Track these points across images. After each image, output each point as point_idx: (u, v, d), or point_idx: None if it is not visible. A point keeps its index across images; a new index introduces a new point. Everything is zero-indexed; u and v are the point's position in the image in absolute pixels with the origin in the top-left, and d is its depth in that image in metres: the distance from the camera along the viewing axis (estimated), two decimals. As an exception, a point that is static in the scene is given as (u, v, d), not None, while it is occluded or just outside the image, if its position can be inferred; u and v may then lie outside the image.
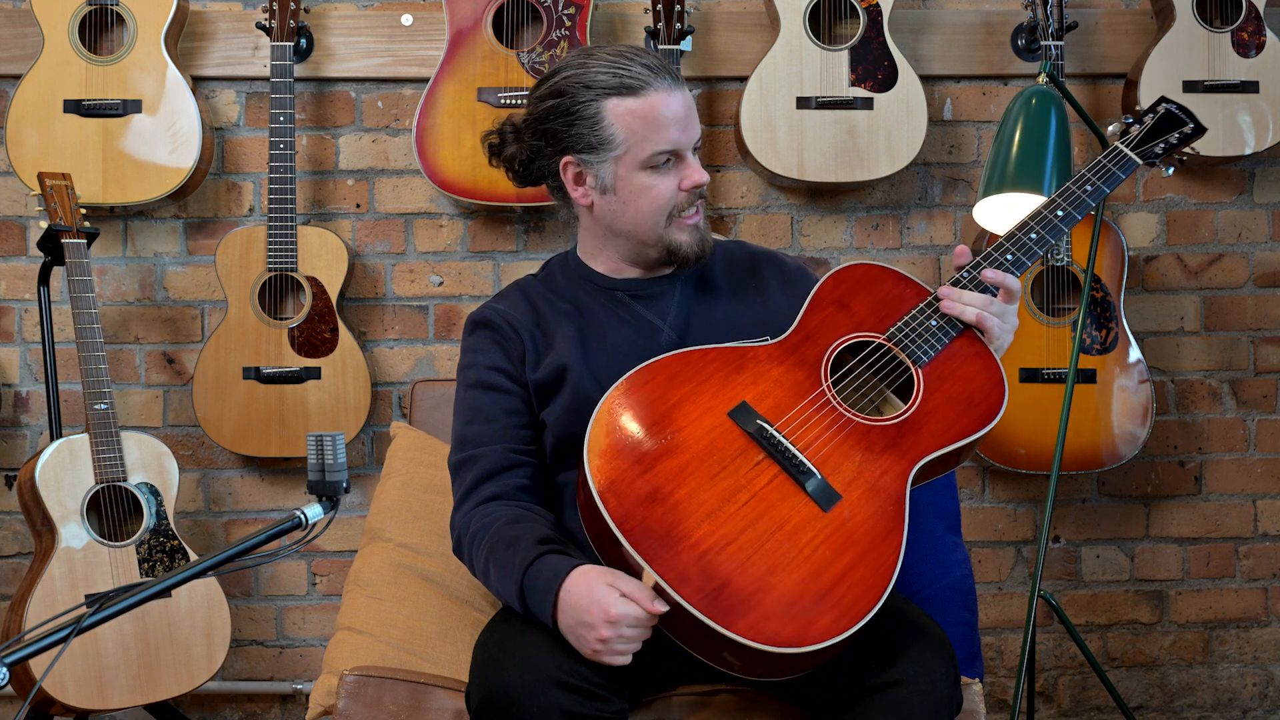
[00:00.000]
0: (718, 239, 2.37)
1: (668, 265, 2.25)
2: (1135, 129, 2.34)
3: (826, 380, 2.06)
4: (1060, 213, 2.18)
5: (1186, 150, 2.34)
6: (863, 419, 2.03)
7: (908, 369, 2.07)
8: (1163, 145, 2.32)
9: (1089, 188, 2.21)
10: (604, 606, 1.89)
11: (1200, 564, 3.59)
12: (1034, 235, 2.16)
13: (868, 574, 1.89)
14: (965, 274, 2.14)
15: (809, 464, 1.97)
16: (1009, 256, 2.14)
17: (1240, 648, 3.60)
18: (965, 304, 2.10)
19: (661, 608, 1.88)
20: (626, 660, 1.92)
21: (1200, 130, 2.34)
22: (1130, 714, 3.17)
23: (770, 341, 2.11)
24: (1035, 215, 2.19)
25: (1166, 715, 3.59)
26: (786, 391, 2.05)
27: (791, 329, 2.13)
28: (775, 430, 2.00)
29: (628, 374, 2.04)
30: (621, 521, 1.91)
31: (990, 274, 2.11)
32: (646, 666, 2.06)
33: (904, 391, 2.09)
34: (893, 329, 2.11)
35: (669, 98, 2.14)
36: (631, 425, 1.99)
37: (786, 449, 1.98)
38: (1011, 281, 2.11)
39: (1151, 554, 3.59)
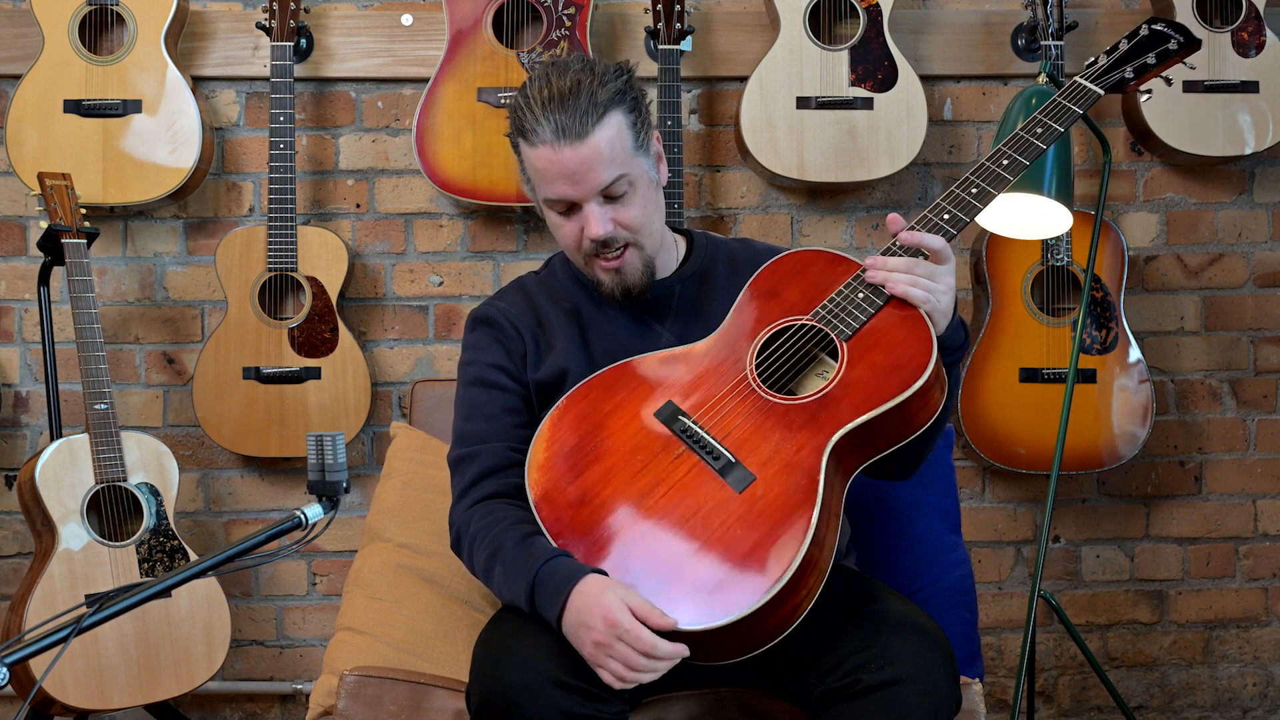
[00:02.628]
0: (722, 239, 2.37)
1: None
2: (1103, 59, 2.18)
3: (750, 367, 2.07)
4: (1005, 162, 2.07)
5: (1187, 64, 2.15)
6: (782, 399, 2.03)
7: (836, 359, 2.05)
8: (1134, 69, 2.15)
9: (1039, 130, 2.08)
10: (607, 610, 1.90)
11: (1200, 564, 3.59)
12: (974, 190, 2.07)
13: (777, 549, 1.90)
14: (897, 242, 2.08)
15: (723, 449, 2.00)
16: (945, 216, 2.07)
17: (1240, 648, 3.60)
18: (889, 270, 2.04)
19: (668, 623, 1.88)
20: (618, 679, 1.90)
21: (1191, 44, 2.15)
22: (1130, 714, 3.17)
23: (702, 340, 2.13)
24: (979, 168, 2.08)
25: (1166, 715, 3.59)
26: (711, 385, 2.07)
27: (723, 325, 2.14)
28: (693, 422, 2.03)
29: (568, 392, 2.12)
30: (552, 525, 2.01)
31: (906, 236, 2.04)
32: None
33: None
34: (819, 308, 2.08)
35: (555, 154, 2.08)
36: (566, 438, 2.07)
37: (702, 438, 2.01)
38: (930, 240, 2.03)
39: (1151, 554, 3.59)
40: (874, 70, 3.34)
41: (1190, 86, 3.36)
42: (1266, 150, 3.41)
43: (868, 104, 3.33)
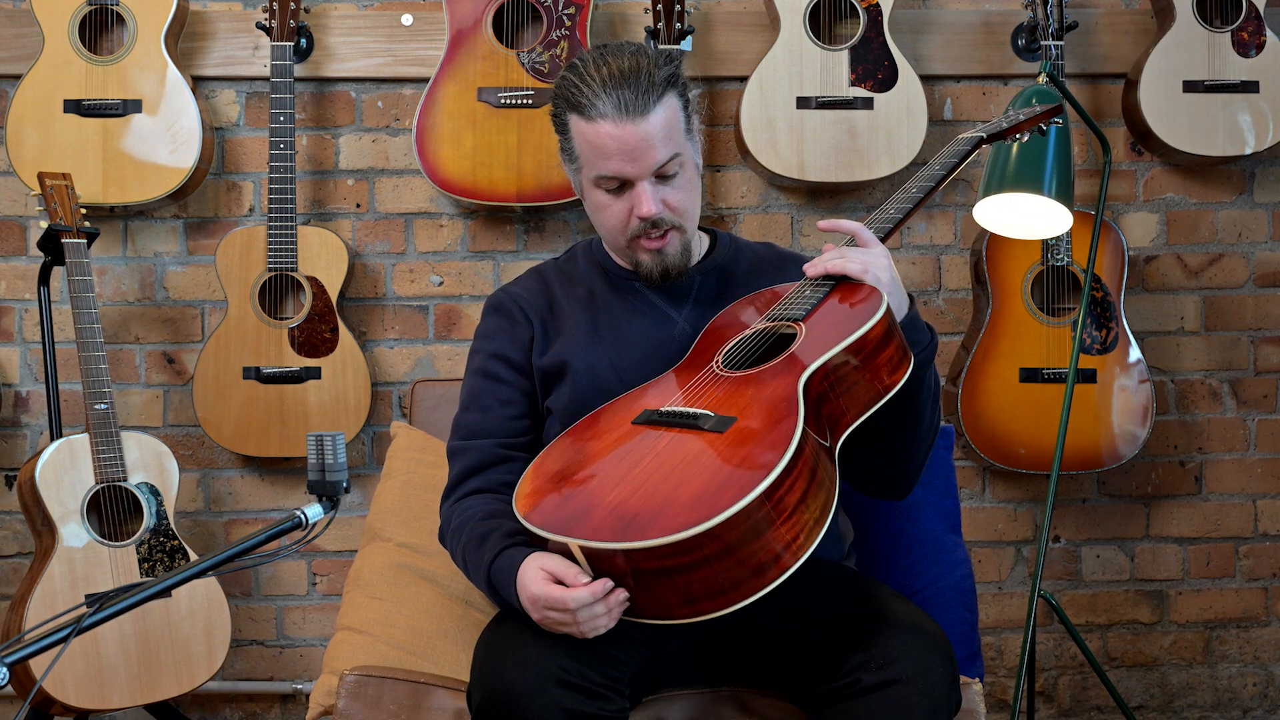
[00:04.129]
0: (747, 241, 2.41)
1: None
2: (983, 125, 2.60)
3: (716, 360, 2.13)
4: (915, 189, 2.32)
5: (1055, 121, 2.72)
6: (751, 370, 2.07)
7: (795, 336, 2.09)
8: (1008, 122, 2.51)
9: (937, 166, 2.38)
10: (526, 588, 1.97)
11: (1200, 564, 3.59)
12: (893, 210, 2.27)
13: (766, 448, 1.89)
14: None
15: (703, 411, 2.01)
16: (873, 227, 2.23)
17: (1240, 648, 3.60)
18: (822, 260, 2.14)
19: (582, 579, 1.91)
20: (582, 635, 1.93)
21: (1052, 109, 2.61)
22: (1130, 714, 3.17)
23: (669, 370, 2.19)
24: (894, 198, 2.32)
25: (1166, 715, 3.59)
26: (682, 386, 2.13)
27: (686, 356, 2.20)
28: (670, 408, 2.06)
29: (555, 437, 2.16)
30: (544, 524, 1.97)
31: (823, 223, 2.19)
32: (648, 667, 2.07)
33: None
34: (770, 311, 2.17)
35: (616, 130, 2.12)
36: (552, 467, 2.08)
37: (680, 412, 2.03)
38: (845, 224, 2.17)
39: (1151, 554, 3.59)
40: (874, 70, 3.34)
41: (1190, 86, 3.36)
42: (1266, 150, 3.41)
43: (868, 104, 3.33)
